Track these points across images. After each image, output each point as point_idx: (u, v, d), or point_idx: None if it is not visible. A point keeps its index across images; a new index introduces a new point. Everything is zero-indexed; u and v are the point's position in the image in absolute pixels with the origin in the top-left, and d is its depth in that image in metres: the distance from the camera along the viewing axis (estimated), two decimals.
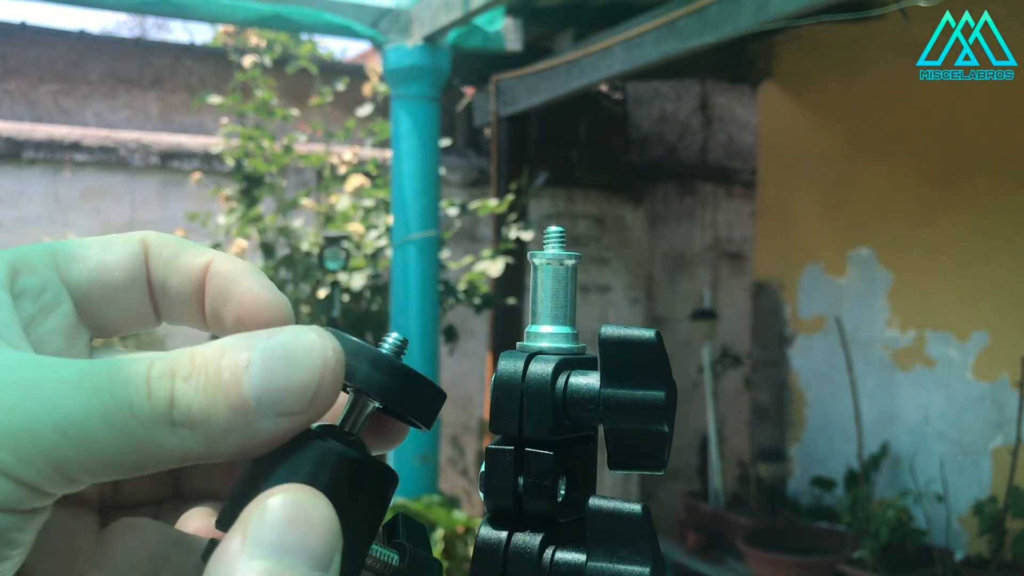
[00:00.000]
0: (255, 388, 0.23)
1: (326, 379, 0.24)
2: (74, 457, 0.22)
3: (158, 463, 0.23)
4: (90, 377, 0.23)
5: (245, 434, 0.24)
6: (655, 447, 0.29)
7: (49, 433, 0.22)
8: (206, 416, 0.23)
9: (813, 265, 3.81)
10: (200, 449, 0.23)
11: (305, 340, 0.24)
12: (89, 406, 0.22)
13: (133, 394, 0.23)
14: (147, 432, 0.23)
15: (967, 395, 3.17)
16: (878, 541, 2.91)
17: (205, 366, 0.23)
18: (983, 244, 3.11)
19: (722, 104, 4.61)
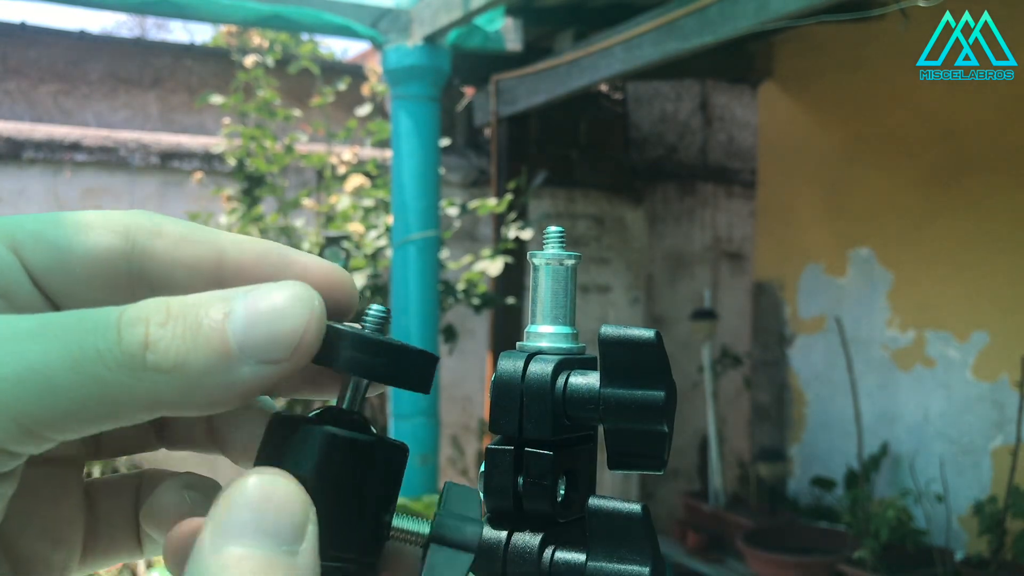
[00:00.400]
0: (237, 334, 0.23)
1: (311, 328, 0.24)
2: (38, 410, 0.21)
3: (129, 413, 0.22)
4: (53, 326, 0.22)
5: (223, 380, 0.23)
6: (655, 447, 0.29)
7: (10, 386, 0.21)
8: (183, 359, 0.22)
9: (813, 265, 3.81)
10: (174, 396, 0.22)
11: (291, 290, 0.24)
12: (53, 354, 0.21)
13: (101, 340, 0.22)
14: (116, 378, 0.22)
15: (967, 395, 3.17)
16: (878, 541, 2.91)
17: (183, 313, 0.23)
18: (983, 244, 3.11)
19: (722, 104, 4.61)
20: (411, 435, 2.70)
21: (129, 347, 0.22)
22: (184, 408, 0.23)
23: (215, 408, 0.24)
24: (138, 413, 0.23)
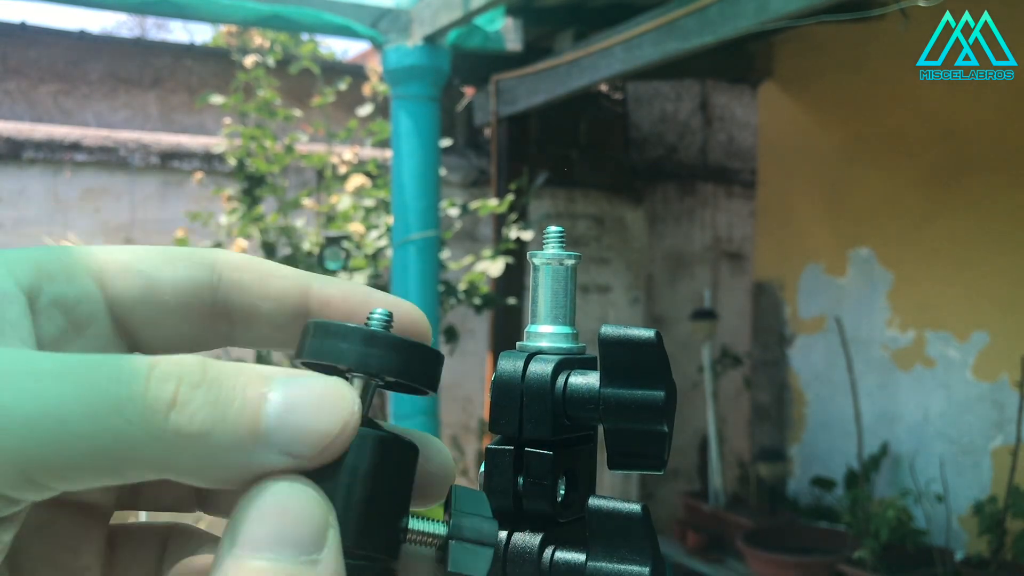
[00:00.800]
0: (271, 418, 0.22)
1: (345, 432, 0.23)
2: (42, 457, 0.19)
3: (137, 471, 0.21)
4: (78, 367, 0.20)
5: (243, 460, 0.22)
6: (655, 447, 0.29)
7: (17, 428, 0.19)
8: (209, 429, 0.21)
9: (813, 265, 3.81)
10: (188, 464, 0.21)
11: (334, 387, 0.23)
12: (71, 397, 0.20)
13: (126, 389, 0.20)
14: (133, 432, 0.20)
15: (967, 395, 3.17)
16: (878, 541, 2.91)
17: (220, 379, 0.21)
18: (983, 244, 3.11)
19: (722, 104, 4.61)
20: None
21: (155, 402, 0.20)
22: (194, 478, 0.22)
23: (223, 485, 0.22)
24: (146, 473, 0.21)
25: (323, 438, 0.22)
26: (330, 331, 0.26)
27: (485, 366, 3.75)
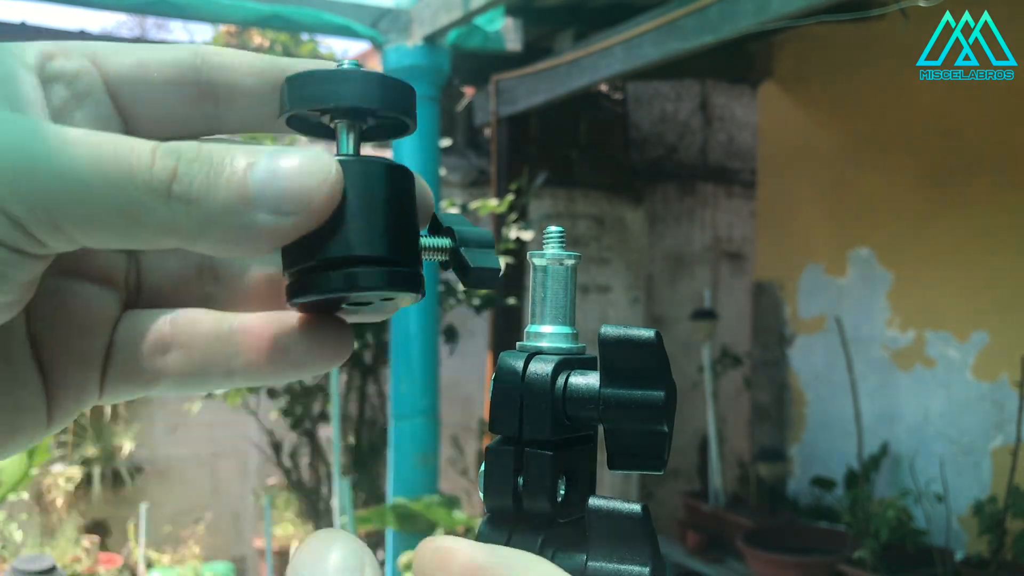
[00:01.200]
0: (258, 182, 0.24)
1: (325, 189, 0.25)
2: (67, 206, 0.23)
3: (147, 233, 0.24)
4: (97, 138, 0.24)
5: (237, 222, 0.24)
6: (655, 447, 0.29)
7: (48, 178, 0.23)
8: (205, 194, 0.24)
9: (813, 265, 3.81)
10: (190, 227, 0.24)
11: (313, 155, 0.25)
12: (90, 162, 0.23)
13: (136, 161, 0.23)
14: (142, 199, 0.23)
15: (967, 395, 3.18)
16: (878, 541, 2.91)
17: (211, 155, 0.24)
18: (983, 244, 3.11)
19: (722, 104, 4.62)
20: (411, 435, 2.70)
21: (159, 174, 0.24)
22: (199, 241, 0.25)
23: (230, 248, 0.25)
24: (158, 236, 0.24)
25: (305, 194, 0.25)
26: (306, 79, 0.27)
27: (485, 366, 3.75)
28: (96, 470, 3.91)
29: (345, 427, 3.87)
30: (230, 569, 3.95)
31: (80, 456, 3.91)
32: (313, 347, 0.29)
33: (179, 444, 4.19)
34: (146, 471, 4.08)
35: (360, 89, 0.27)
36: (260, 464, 4.29)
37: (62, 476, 3.82)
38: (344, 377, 3.88)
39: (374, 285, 0.27)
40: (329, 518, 3.72)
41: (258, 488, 4.26)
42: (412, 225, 0.28)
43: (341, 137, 0.29)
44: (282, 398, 3.92)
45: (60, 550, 3.60)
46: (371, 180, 0.27)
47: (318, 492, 4.05)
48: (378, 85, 0.28)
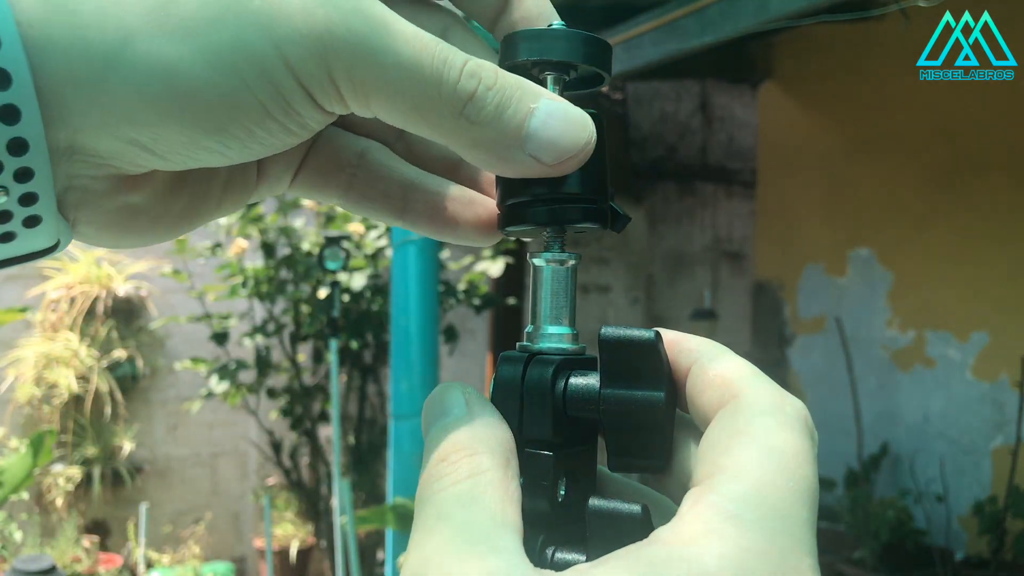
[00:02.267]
0: (531, 128, 0.28)
1: (581, 151, 0.29)
2: (382, 89, 0.27)
3: (430, 129, 0.28)
4: (424, 42, 0.27)
5: (505, 154, 0.29)
6: (655, 447, 0.29)
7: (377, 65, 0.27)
8: (488, 122, 0.28)
9: (813, 265, 3.81)
10: (466, 140, 0.28)
11: (581, 115, 0.29)
12: (413, 61, 0.27)
13: (447, 73, 0.27)
14: (440, 106, 0.27)
15: (967, 395, 3.18)
16: (878, 541, 2.91)
17: (506, 87, 0.28)
18: (983, 244, 3.11)
19: (722, 104, 4.62)
20: (411, 435, 2.70)
21: (460, 92, 0.27)
22: (468, 151, 0.29)
23: (490, 166, 0.29)
24: (439, 135, 0.28)
25: (563, 151, 0.29)
26: (523, 36, 0.31)
27: (485, 366, 3.75)
28: (96, 470, 3.91)
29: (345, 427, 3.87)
30: (230, 569, 3.95)
31: (80, 456, 3.91)
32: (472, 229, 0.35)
33: (179, 444, 4.19)
34: (146, 471, 4.08)
35: (568, 45, 0.31)
36: (260, 464, 4.29)
37: (62, 476, 3.82)
38: (344, 377, 3.89)
39: (573, 219, 0.31)
40: (329, 518, 3.72)
41: (258, 488, 4.26)
42: (603, 166, 0.32)
43: (548, 87, 0.32)
44: (282, 398, 3.92)
45: (60, 550, 3.60)
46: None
47: (318, 492, 4.05)
48: (583, 42, 0.31)
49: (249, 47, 0.26)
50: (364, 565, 3.35)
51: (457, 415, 0.28)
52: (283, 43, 0.26)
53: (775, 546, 0.23)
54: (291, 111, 0.28)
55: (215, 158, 0.29)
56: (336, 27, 0.26)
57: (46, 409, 3.88)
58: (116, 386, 3.98)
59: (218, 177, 0.33)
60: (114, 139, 0.27)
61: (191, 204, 0.32)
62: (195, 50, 0.26)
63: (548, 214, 0.31)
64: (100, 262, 3.93)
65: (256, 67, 0.26)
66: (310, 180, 0.36)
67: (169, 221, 0.32)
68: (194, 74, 0.26)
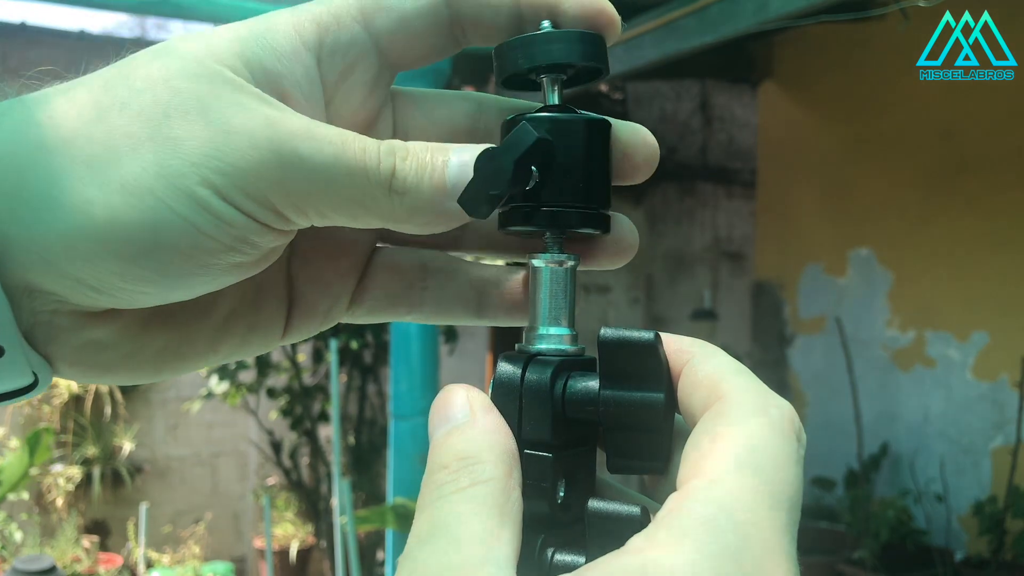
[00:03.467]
0: (452, 176, 0.29)
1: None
2: (314, 195, 0.28)
3: (369, 217, 0.29)
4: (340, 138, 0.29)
5: (434, 211, 0.30)
6: (655, 449, 0.29)
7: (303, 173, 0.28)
8: (415, 188, 0.29)
9: (813, 265, 3.81)
10: (402, 214, 0.29)
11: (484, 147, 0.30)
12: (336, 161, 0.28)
13: (369, 160, 0.29)
14: (372, 191, 0.29)
15: (967, 395, 3.18)
16: (878, 541, 2.91)
17: (419, 155, 0.30)
18: (983, 244, 3.11)
19: (722, 104, 4.61)
20: (411, 435, 2.70)
21: (384, 172, 0.29)
22: (406, 224, 0.30)
23: (430, 228, 0.30)
24: (377, 220, 0.30)
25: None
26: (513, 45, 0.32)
27: (485, 366, 3.75)
28: (96, 470, 3.91)
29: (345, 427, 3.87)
30: (230, 569, 3.95)
31: (80, 456, 3.91)
32: None
33: (179, 444, 4.19)
34: (146, 471, 4.08)
35: (560, 48, 0.31)
36: (260, 464, 4.29)
37: (62, 476, 3.82)
38: (344, 377, 3.89)
39: (573, 223, 0.31)
40: (329, 518, 3.72)
41: (258, 488, 4.26)
42: (605, 171, 0.32)
43: (546, 89, 0.33)
44: (282, 398, 3.92)
45: (60, 550, 3.61)
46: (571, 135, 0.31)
47: (318, 492, 4.05)
48: (575, 41, 0.32)
49: (167, 170, 0.27)
50: (364, 565, 3.35)
51: (460, 421, 0.28)
52: (201, 165, 0.27)
53: (749, 551, 0.23)
54: (224, 227, 0.28)
55: (161, 291, 0.29)
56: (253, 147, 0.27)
57: (46, 409, 3.88)
58: (116, 386, 3.98)
59: (209, 317, 0.33)
60: (58, 277, 0.28)
61: (172, 345, 0.33)
62: (112, 181, 0.27)
63: (549, 217, 0.31)
64: None
65: (174, 188, 0.27)
66: (376, 305, 0.37)
67: (147, 360, 0.32)
68: (110, 204, 0.27)
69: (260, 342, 0.35)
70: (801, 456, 0.27)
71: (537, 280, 0.32)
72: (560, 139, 0.31)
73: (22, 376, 0.29)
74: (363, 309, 0.37)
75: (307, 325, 0.36)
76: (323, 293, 0.36)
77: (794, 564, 0.24)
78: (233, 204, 0.28)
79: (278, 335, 0.35)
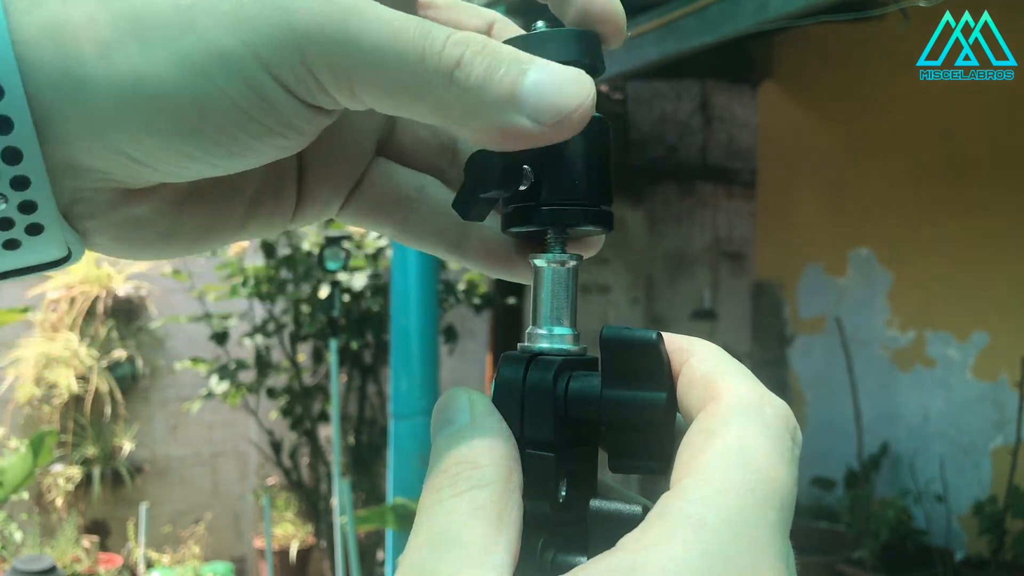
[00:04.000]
0: (525, 87, 0.27)
1: (579, 112, 0.27)
2: (365, 74, 0.27)
3: (423, 107, 0.27)
4: (402, 19, 0.27)
5: (496, 117, 0.27)
6: (656, 449, 0.29)
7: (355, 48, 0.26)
8: (480, 85, 0.27)
9: (813, 265, 3.81)
10: (458, 112, 0.27)
11: (577, 74, 0.28)
12: (392, 40, 0.26)
13: (429, 45, 0.27)
14: (429, 77, 0.27)
15: (967, 395, 3.18)
16: (878, 541, 2.91)
17: (495, 52, 0.27)
18: (983, 244, 3.11)
19: (722, 104, 4.61)
20: (411, 435, 2.70)
21: (447, 59, 0.27)
22: (464, 124, 0.28)
23: (487, 138, 0.28)
24: (431, 112, 0.28)
25: (560, 111, 0.27)
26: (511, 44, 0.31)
27: (485, 366, 3.75)
28: (96, 470, 3.90)
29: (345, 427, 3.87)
30: (230, 569, 3.95)
31: (80, 456, 3.91)
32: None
33: (179, 444, 4.19)
34: (146, 471, 4.08)
35: (555, 48, 0.31)
36: (260, 464, 4.29)
37: (62, 476, 3.82)
38: (344, 377, 3.89)
39: (575, 221, 0.31)
40: (329, 518, 3.72)
41: (258, 488, 4.26)
42: (606, 169, 0.32)
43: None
44: (282, 398, 3.92)
45: (60, 550, 3.60)
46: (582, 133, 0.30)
47: (318, 492, 4.05)
48: (570, 40, 0.31)
49: (217, 46, 0.26)
50: (364, 565, 3.35)
51: (461, 425, 0.28)
52: (253, 39, 0.26)
53: (737, 549, 0.23)
54: (270, 108, 0.27)
55: (204, 167, 0.28)
56: (308, 18, 0.26)
57: (46, 409, 3.87)
58: (116, 386, 3.98)
59: (240, 195, 0.33)
60: (103, 151, 0.27)
61: (207, 222, 0.33)
62: (164, 55, 0.26)
63: (551, 215, 0.31)
64: (100, 262, 3.93)
65: (224, 65, 0.26)
66: (363, 209, 0.36)
67: (183, 237, 0.32)
68: (160, 78, 0.26)
69: (279, 222, 0.35)
70: (796, 455, 0.26)
71: (539, 280, 0.32)
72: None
73: (57, 250, 0.30)
74: (350, 209, 0.36)
75: (311, 212, 0.36)
76: (326, 182, 0.35)
77: (785, 563, 0.24)
78: (283, 85, 0.27)
79: (289, 217, 0.35)
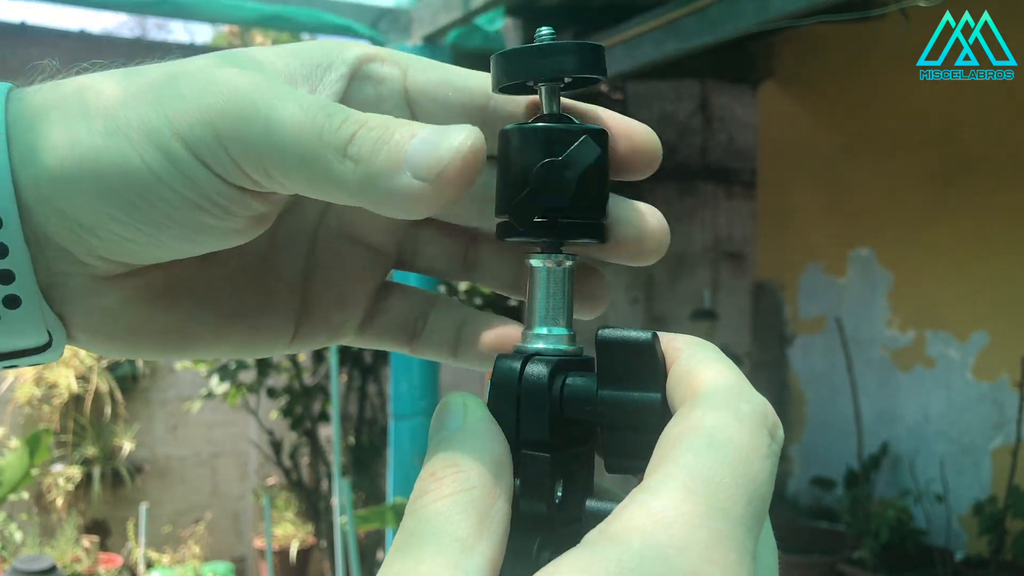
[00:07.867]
0: (410, 149, 0.28)
1: (452, 165, 0.28)
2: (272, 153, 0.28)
3: (325, 184, 0.28)
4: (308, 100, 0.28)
5: (387, 184, 0.28)
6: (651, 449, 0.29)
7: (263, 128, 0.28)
8: (369, 155, 0.28)
9: (813, 265, 3.81)
10: (355, 185, 0.28)
11: (458, 130, 0.28)
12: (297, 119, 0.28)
13: (328, 123, 0.28)
14: (323, 155, 0.28)
15: (967, 395, 3.17)
16: (878, 541, 2.91)
17: (386, 126, 0.28)
18: (983, 244, 3.11)
19: (722, 104, 4.61)
20: (411, 435, 2.70)
21: (343, 134, 0.28)
22: (358, 195, 0.28)
23: (385, 207, 0.29)
24: (332, 189, 0.28)
25: (435, 164, 0.28)
26: (511, 56, 0.32)
27: None
28: (96, 470, 3.91)
29: (345, 427, 3.88)
30: (230, 569, 3.95)
31: (80, 456, 3.91)
32: None
33: (179, 444, 4.19)
34: (146, 471, 4.08)
35: (556, 59, 0.32)
36: (260, 464, 4.29)
37: (62, 476, 3.82)
38: (344, 377, 3.89)
39: (571, 235, 0.31)
40: (329, 518, 3.72)
41: (258, 488, 4.26)
42: (604, 180, 0.32)
43: (544, 98, 0.33)
44: (282, 398, 3.92)
45: (60, 550, 3.60)
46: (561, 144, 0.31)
47: (318, 492, 4.05)
48: (571, 52, 0.32)
49: (142, 118, 0.28)
50: (364, 565, 3.35)
51: (453, 428, 0.29)
52: (173, 115, 0.28)
53: (699, 541, 0.23)
54: (187, 181, 0.28)
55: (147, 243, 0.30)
56: (222, 98, 0.28)
57: (46, 409, 3.88)
58: (116, 386, 3.98)
59: (214, 301, 0.34)
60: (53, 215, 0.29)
61: (177, 324, 0.33)
62: (100, 125, 0.29)
63: (546, 229, 0.31)
64: None
65: (145, 134, 0.28)
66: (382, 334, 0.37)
67: (151, 335, 0.33)
68: (93, 143, 0.28)
69: (267, 344, 0.36)
70: (774, 451, 0.26)
71: (534, 280, 0.32)
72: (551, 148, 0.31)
73: (37, 332, 0.30)
74: (372, 331, 0.37)
75: (316, 336, 0.36)
76: (337, 306, 0.36)
77: (748, 557, 0.23)
78: (201, 161, 0.28)
79: (286, 340, 0.36)
